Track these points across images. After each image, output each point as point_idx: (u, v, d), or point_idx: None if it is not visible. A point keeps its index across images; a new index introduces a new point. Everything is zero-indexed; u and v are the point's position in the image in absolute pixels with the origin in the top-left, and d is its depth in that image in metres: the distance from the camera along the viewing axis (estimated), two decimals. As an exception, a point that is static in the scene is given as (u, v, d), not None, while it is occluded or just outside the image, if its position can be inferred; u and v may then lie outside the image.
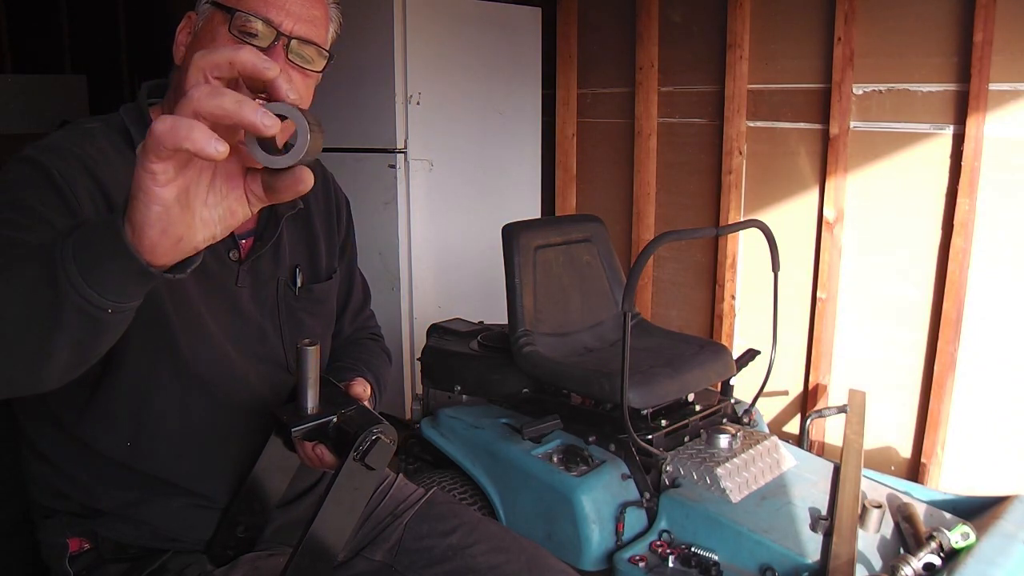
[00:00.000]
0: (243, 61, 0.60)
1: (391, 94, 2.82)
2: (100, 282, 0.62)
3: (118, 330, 0.69)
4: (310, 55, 0.98)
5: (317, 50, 0.98)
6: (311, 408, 0.89)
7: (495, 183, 3.22)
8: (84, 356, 0.69)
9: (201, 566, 1.01)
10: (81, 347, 0.67)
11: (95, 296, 0.62)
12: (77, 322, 0.64)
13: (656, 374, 1.91)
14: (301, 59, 0.97)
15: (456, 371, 2.19)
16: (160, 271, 0.62)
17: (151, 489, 1.00)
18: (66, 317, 0.63)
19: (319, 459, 0.93)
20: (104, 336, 0.68)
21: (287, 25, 0.94)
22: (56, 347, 0.66)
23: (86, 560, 1.01)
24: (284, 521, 1.08)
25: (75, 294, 0.62)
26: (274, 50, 0.94)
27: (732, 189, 2.83)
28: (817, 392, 2.70)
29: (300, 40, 0.96)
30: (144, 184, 0.58)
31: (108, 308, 0.64)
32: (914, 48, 2.39)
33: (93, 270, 0.61)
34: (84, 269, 0.61)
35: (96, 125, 0.98)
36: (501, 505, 1.89)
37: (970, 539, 1.49)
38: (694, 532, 1.67)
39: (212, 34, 0.95)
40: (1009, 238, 2.29)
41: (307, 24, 0.96)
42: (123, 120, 0.99)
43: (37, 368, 0.68)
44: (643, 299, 3.14)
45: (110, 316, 0.64)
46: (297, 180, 0.62)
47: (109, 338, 0.69)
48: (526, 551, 1.14)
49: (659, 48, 3.00)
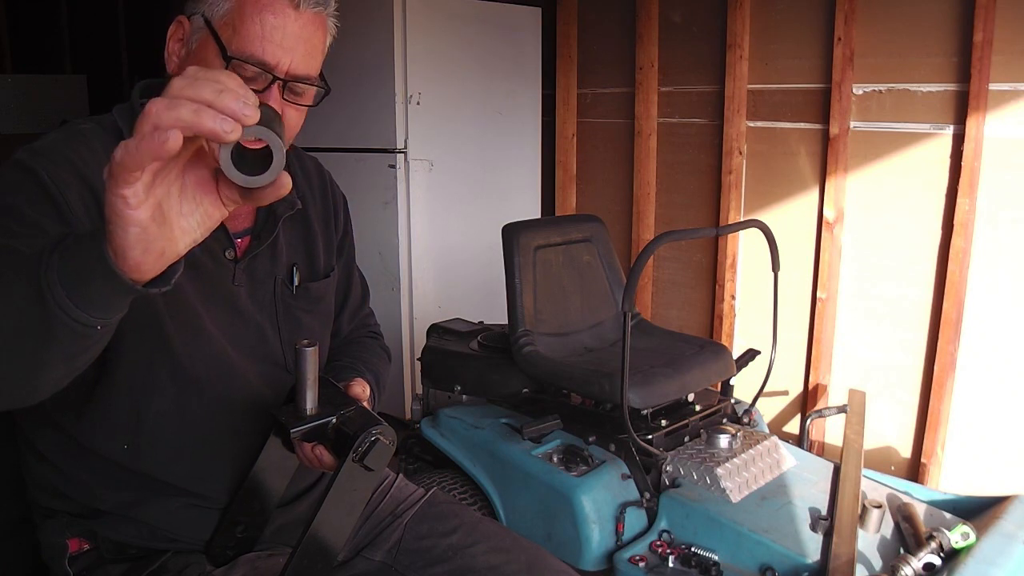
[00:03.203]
0: (206, 130, 0.58)
1: (391, 94, 2.82)
2: (88, 302, 0.63)
3: (107, 338, 0.70)
4: (306, 91, 0.97)
5: (313, 85, 0.98)
6: (310, 409, 0.89)
7: (495, 183, 3.22)
8: (75, 365, 0.71)
9: (201, 566, 1.01)
10: (72, 359, 0.69)
11: (83, 316, 0.63)
12: (67, 338, 0.65)
13: (656, 374, 1.91)
14: (297, 95, 0.96)
15: (456, 371, 2.19)
16: (146, 287, 0.64)
17: (150, 489, 1.00)
18: (56, 333, 0.64)
19: (318, 460, 0.93)
20: (94, 347, 0.70)
21: (283, 65, 0.93)
22: (48, 360, 0.68)
23: (86, 560, 1.01)
24: (284, 521, 1.08)
25: (64, 314, 0.63)
26: (270, 92, 0.93)
27: (732, 189, 2.83)
28: (817, 392, 2.70)
29: (298, 79, 0.95)
30: (117, 209, 0.58)
31: (98, 325, 0.65)
32: (914, 48, 2.39)
33: (80, 290, 0.63)
34: (71, 290, 0.62)
35: (89, 126, 0.97)
36: (501, 505, 1.89)
37: (970, 539, 1.49)
38: (694, 532, 1.67)
39: (205, 62, 0.93)
40: (1009, 238, 2.30)
41: (304, 58, 0.95)
42: (116, 120, 0.99)
43: (31, 380, 0.70)
44: (643, 299, 3.14)
45: (99, 331, 0.66)
46: (277, 187, 0.63)
47: (99, 347, 0.71)
48: (526, 551, 1.14)
49: (659, 48, 3.00)
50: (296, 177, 1.14)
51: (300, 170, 1.17)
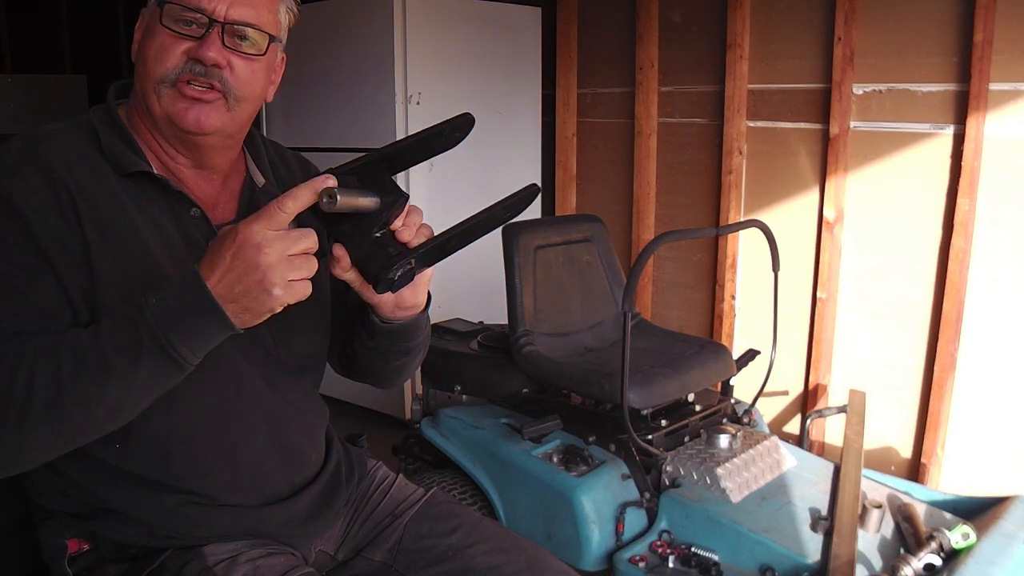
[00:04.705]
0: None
1: (391, 94, 2.82)
2: (202, 351, 0.84)
3: None
4: (251, 38, 0.97)
5: (259, 32, 0.97)
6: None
7: (495, 183, 3.21)
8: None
9: (201, 563, 1.00)
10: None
11: (192, 357, 0.83)
12: (172, 382, 0.86)
13: (656, 374, 1.91)
14: (241, 43, 0.96)
15: (456, 371, 2.19)
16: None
17: (146, 488, 0.99)
18: (167, 384, 0.86)
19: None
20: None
21: (220, 10, 0.93)
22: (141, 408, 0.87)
23: (86, 561, 1.01)
24: (285, 518, 1.08)
25: (189, 365, 0.84)
26: (209, 38, 0.93)
27: (732, 189, 2.83)
28: (817, 392, 2.70)
29: (237, 24, 0.95)
30: (272, 309, 0.81)
31: (192, 363, 0.84)
32: (914, 48, 2.39)
33: (202, 347, 0.84)
34: (197, 349, 0.83)
35: (59, 126, 0.98)
36: (501, 505, 1.89)
37: (970, 539, 1.49)
38: (694, 532, 1.67)
39: (152, 30, 0.95)
40: (1009, 238, 2.29)
41: (243, 7, 0.95)
42: (92, 120, 0.99)
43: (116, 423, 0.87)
44: (643, 299, 3.14)
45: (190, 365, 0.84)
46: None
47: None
48: (526, 551, 1.13)
49: (659, 48, 3.00)
50: (277, 169, 1.14)
51: (280, 162, 1.16)
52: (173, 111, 0.95)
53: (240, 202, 1.07)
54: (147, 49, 0.96)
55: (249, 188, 1.09)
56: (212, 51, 0.93)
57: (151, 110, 0.97)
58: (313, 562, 1.14)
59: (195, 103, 0.95)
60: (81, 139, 0.96)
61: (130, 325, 0.81)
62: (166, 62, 0.94)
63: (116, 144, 0.97)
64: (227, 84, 0.96)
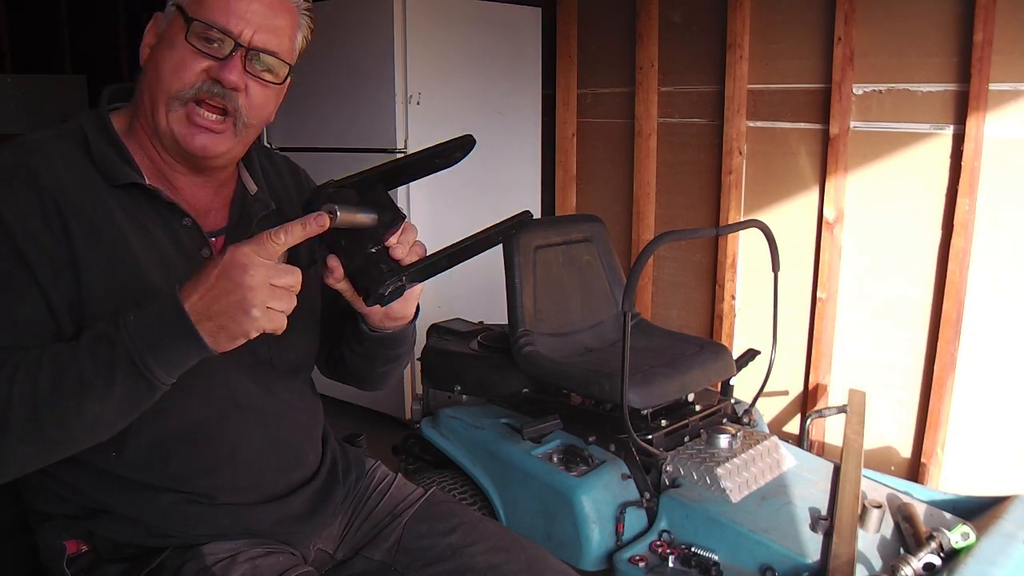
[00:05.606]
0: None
1: (391, 94, 2.82)
2: (176, 372, 0.84)
3: None
4: (270, 64, 0.98)
5: (279, 62, 0.98)
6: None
7: (495, 183, 3.21)
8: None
9: (200, 563, 1.00)
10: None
11: (166, 377, 0.84)
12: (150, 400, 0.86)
13: (656, 374, 1.91)
14: (261, 69, 0.97)
15: (456, 371, 2.19)
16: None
17: (142, 489, 0.99)
18: (146, 403, 0.86)
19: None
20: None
21: (247, 35, 0.94)
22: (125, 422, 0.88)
23: (84, 561, 1.01)
24: (281, 516, 1.08)
25: (164, 386, 0.85)
26: (232, 60, 0.94)
27: (732, 189, 2.83)
28: (817, 392, 2.70)
29: (260, 51, 0.96)
30: (247, 332, 0.82)
31: (167, 383, 0.85)
32: (914, 48, 2.39)
33: (176, 368, 0.84)
34: (169, 370, 0.83)
35: (47, 134, 0.97)
36: (501, 505, 1.89)
37: (970, 539, 1.49)
38: (694, 532, 1.67)
39: (171, 41, 0.95)
40: (1009, 238, 2.29)
41: (268, 34, 0.96)
42: (82, 126, 0.98)
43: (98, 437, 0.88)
44: (643, 299, 3.14)
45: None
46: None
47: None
48: (526, 551, 1.14)
49: (659, 48, 3.00)
50: (269, 176, 1.14)
51: (271, 168, 1.16)
52: (180, 133, 0.96)
53: (232, 209, 1.08)
54: (163, 60, 0.96)
55: (241, 195, 1.09)
56: (234, 74, 0.94)
57: (157, 122, 0.97)
58: (312, 561, 1.14)
59: (204, 130, 0.96)
60: (70, 147, 0.96)
61: (107, 343, 0.82)
62: (184, 78, 0.94)
63: (107, 153, 0.97)
64: (239, 108, 0.97)
